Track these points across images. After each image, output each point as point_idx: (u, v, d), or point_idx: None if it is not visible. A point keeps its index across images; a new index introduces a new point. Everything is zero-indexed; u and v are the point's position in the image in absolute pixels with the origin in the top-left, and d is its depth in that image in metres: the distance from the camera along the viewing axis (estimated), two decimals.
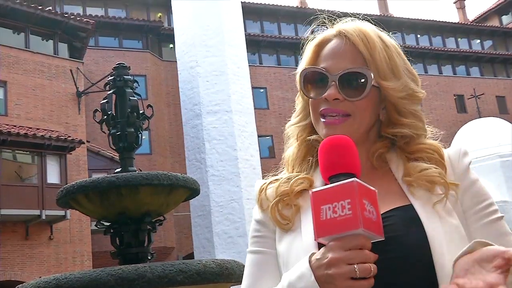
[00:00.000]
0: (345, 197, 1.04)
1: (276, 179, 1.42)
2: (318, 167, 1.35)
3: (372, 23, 1.40)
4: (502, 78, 44.81)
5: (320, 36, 1.40)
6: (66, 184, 21.68)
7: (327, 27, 1.43)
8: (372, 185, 1.09)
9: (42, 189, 21.40)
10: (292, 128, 1.47)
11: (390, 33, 1.44)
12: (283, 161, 1.48)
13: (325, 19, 1.45)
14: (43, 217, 21.14)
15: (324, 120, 1.32)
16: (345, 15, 1.45)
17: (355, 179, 1.06)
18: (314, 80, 1.34)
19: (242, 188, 25.87)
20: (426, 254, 1.17)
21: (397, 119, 1.36)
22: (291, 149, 1.47)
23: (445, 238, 1.17)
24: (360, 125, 1.33)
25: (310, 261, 1.10)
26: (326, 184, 1.10)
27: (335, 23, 1.42)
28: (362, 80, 1.30)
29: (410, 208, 1.24)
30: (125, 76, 4.37)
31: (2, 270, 20.89)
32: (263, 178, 1.49)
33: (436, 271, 1.16)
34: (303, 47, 1.45)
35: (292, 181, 1.36)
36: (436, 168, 1.29)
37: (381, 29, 1.40)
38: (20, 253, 21.49)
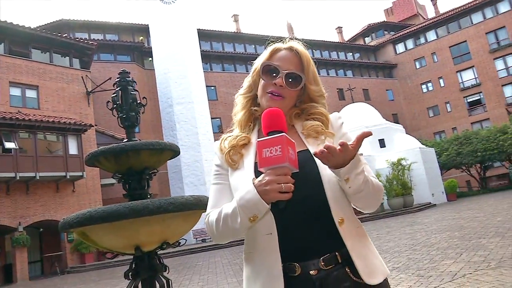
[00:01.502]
0: (278, 144, 1.14)
1: (230, 135, 1.48)
2: (254, 130, 1.47)
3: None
4: (366, 78, 46.04)
5: (275, 45, 1.47)
6: (82, 154, 21.07)
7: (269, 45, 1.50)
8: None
9: (66, 158, 20.95)
10: (240, 97, 1.52)
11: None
12: (235, 121, 1.53)
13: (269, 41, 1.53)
14: (68, 177, 20.89)
15: (269, 96, 1.41)
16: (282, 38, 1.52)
17: (284, 134, 1.16)
18: (269, 70, 1.41)
19: (202, 153, 25.91)
20: (317, 175, 1.29)
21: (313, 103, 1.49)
22: (239, 115, 1.51)
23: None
24: (288, 104, 1.43)
25: (253, 182, 1.21)
26: (261, 138, 1.19)
27: (275, 42, 1.49)
28: (299, 80, 1.41)
29: (307, 151, 1.34)
30: (127, 78, 4.32)
31: (42, 213, 20.70)
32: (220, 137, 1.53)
33: (323, 182, 1.29)
34: (262, 52, 1.50)
35: (238, 138, 1.43)
36: (320, 123, 1.42)
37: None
38: (53, 201, 21.21)
